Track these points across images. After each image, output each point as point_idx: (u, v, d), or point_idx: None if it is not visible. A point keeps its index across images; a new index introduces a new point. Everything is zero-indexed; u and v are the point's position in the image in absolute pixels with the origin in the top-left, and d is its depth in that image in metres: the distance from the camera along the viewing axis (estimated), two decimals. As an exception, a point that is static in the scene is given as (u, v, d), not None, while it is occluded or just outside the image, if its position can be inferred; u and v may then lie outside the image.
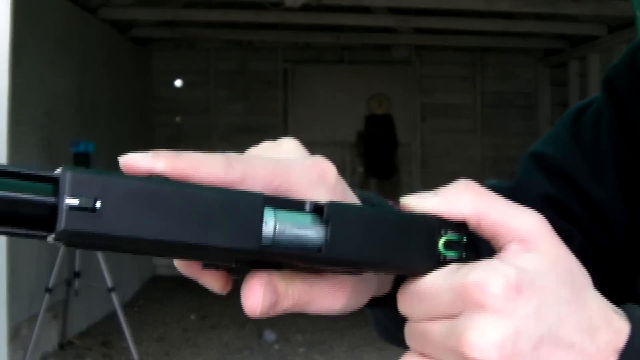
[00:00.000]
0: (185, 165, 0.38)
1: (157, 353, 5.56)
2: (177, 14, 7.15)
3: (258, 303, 0.41)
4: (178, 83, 8.51)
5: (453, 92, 8.60)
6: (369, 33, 7.93)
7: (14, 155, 3.26)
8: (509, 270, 0.39)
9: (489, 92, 8.61)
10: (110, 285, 4.92)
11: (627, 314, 0.42)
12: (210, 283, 0.45)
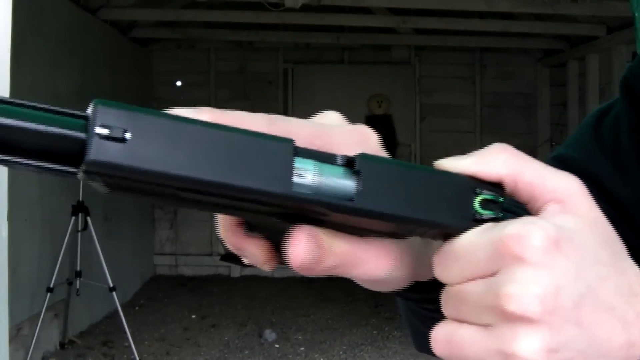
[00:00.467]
0: (229, 120, 0.38)
1: (157, 352, 5.58)
2: (177, 15, 7.16)
3: (302, 252, 0.39)
4: (178, 83, 8.52)
5: (453, 92, 8.61)
6: (369, 33, 7.94)
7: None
8: (548, 225, 0.37)
9: (489, 92, 8.62)
10: (111, 285, 4.93)
11: None
12: (255, 253, 0.44)
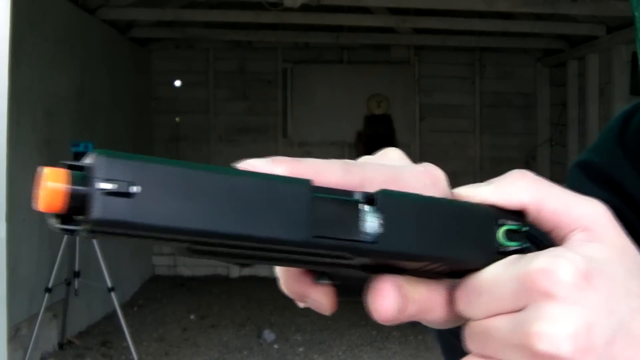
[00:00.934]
0: (306, 171, 0.37)
1: (156, 353, 5.57)
2: (176, 14, 7.15)
3: (391, 306, 0.38)
4: (177, 83, 8.51)
5: (452, 92, 8.61)
6: (368, 33, 7.93)
7: (14, 155, 3.26)
8: (577, 258, 0.36)
9: (488, 92, 8.61)
10: (110, 285, 4.92)
11: None
12: (321, 300, 0.42)
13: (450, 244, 0.38)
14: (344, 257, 0.37)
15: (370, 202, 0.37)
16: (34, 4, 4.83)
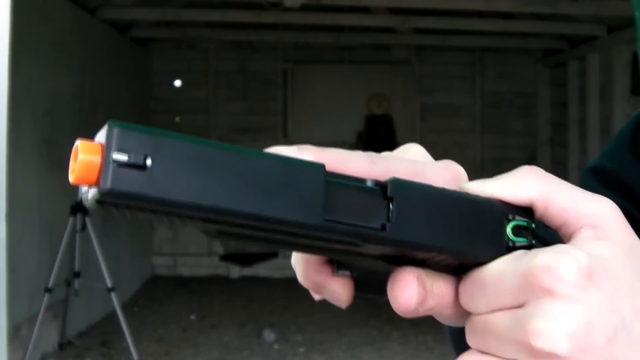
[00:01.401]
0: (332, 159, 0.37)
1: (156, 353, 5.56)
2: (176, 14, 7.15)
3: (412, 296, 0.38)
4: (177, 83, 8.51)
5: (452, 92, 8.60)
6: (369, 33, 7.93)
7: (14, 155, 3.26)
8: (581, 255, 0.35)
9: (489, 92, 8.61)
10: (110, 285, 4.92)
11: None
12: (339, 291, 0.42)
13: (459, 236, 0.38)
14: (354, 243, 0.37)
15: (383, 190, 0.37)
16: (34, 4, 4.83)
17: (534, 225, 0.39)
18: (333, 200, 0.35)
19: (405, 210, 0.36)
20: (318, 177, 0.35)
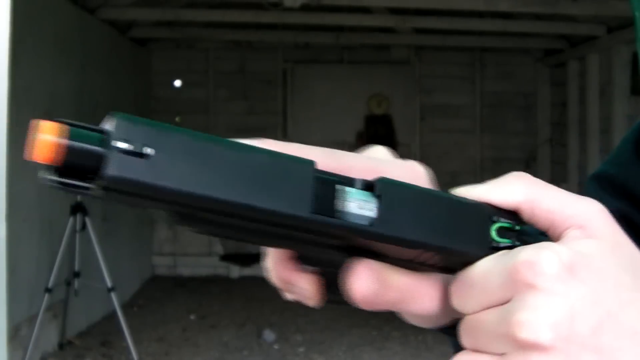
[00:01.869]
0: (287, 151, 0.38)
1: (156, 353, 5.56)
2: (176, 14, 7.15)
3: (364, 285, 0.39)
4: (177, 83, 8.51)
5: (452, 92, 8.60)
6: (369, 33, 7.93)
7: (14, 155, 3.26)
8: (562, 250, 0.37)
9: (489, 92, 8.61)
10: (110, 285, 4.92)
11: None
12: (306, 288, 0.43)
13: (444, 235, 0.39)
14: (340, 236, 0.38)
15: (369, 188, 0.38)
16: (34, 4, 4.83)
17: (518, 228, 0.41)
18: (322, 195, 0.37)
19: (392, 208, 0.38)
20: (308, 172, 0.37)
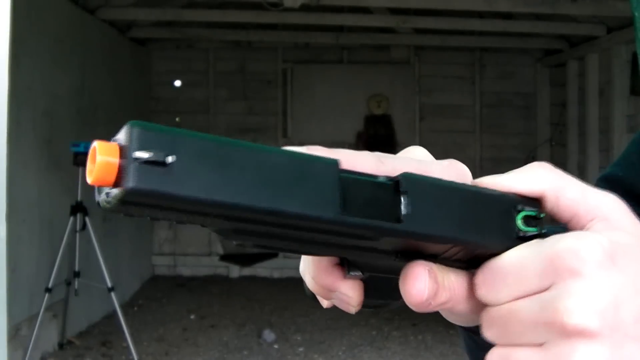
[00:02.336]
0: (341, 159, 0.37)
1: (156, 353, 5.57)
2: (176, 14, 7.15)
3: (424, 288, 0.39)
4: (177, 83, 8.51)
5: (452, 92, 8.60)
6: (369, 33, 7.93)
7: (14, 155, 3.27)
8: (602, 239, 0.37)
9: (488, 92, 8.61)
10: (110, 285, 4.92)
11: None
12: (349, 294, 0.43)
13: (470, 227, 0.39)
14: (369, 237, 0.37)
15: (395, 184, 0.38)
16: (34, 4, 4.83)
17: (543, 216, 0.41)
18: (347, 195, 0.36)
19: (418, 203, 0.37)
20: (332, 172, 0.36)
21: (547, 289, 0.37)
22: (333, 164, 0.36)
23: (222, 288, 7.84)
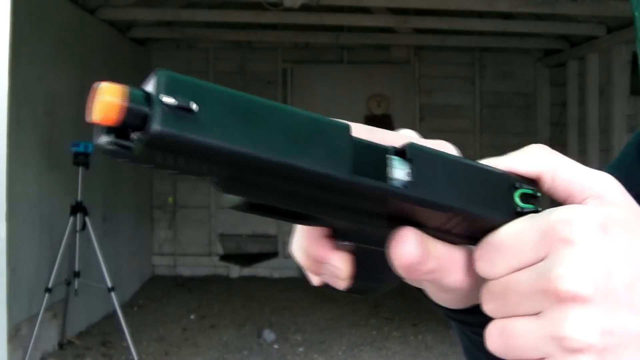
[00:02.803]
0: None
1: (156, 353, 5.57)
2: (176, 14, 7.15)
3: (409, 251, 0.40)
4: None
5: (452, 92, 8.61)
6: (369, 33, 7.94)
7: (14, 155, 3.26)
8: (595, 210, 0.38)
9: (488, 92, 8.62)
10: (110, 285, 4.92)
11: None
12: (339, 266, 0.44)
13: (472, 199, 0.40)
14: (376, 198, 0.38)
15: (400, 153, 0.39)
16: (34, 4, 4.83)
17: (540, 194, 0.42)
18: (359, 157, 0.38)
19: (423, 171, 0.39)
20: (346, 135, 0.37)
21: (542, 260, 0.38)
22: (346, 128, 0.37)
23: (222, 288, 7.84)
